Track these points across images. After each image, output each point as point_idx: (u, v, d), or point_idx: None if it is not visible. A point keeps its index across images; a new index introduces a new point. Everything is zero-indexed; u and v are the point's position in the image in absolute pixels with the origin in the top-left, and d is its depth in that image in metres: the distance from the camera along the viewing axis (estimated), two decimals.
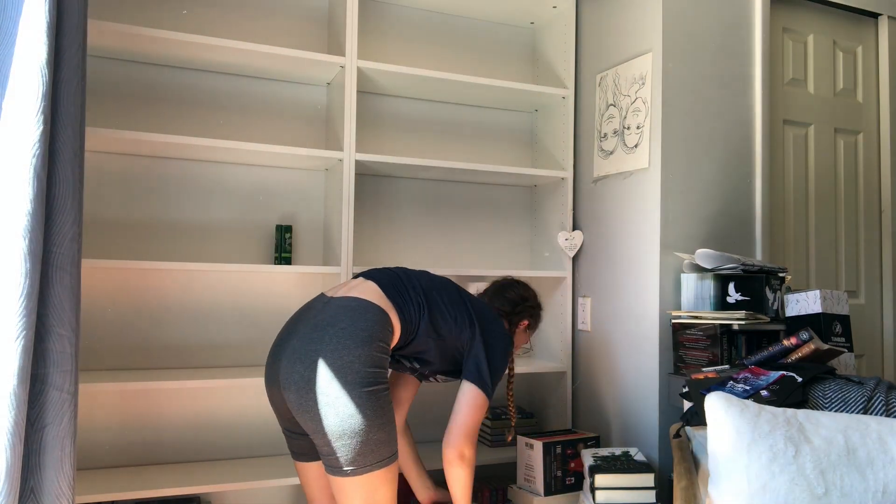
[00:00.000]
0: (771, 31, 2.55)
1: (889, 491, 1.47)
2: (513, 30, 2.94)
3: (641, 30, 2.42)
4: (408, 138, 2.75)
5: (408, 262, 2.71)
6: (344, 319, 1.64)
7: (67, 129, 1.56)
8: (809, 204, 2.68)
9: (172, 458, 2.34)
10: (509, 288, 2.16)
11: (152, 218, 2.36)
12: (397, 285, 1.81)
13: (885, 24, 2.82)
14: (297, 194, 2.55)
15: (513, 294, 2.14)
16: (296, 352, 1.62)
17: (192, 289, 2.39)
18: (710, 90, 2.39)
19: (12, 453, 1.39)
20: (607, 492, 1.99)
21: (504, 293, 2.14)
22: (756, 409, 1.57)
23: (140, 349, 2.32)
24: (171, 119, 2.39)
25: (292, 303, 2.52)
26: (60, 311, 1.52)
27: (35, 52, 1.46)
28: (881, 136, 2.83)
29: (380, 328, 1.66)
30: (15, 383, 1.39)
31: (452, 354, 1.86)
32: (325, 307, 1.70)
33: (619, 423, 2.44)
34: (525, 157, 2.95)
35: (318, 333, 1.62)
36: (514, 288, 2.16)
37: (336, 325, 1.63)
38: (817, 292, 2.17)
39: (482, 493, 2.53)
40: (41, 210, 1.47)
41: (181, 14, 2.41)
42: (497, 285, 2.18)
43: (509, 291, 2.15)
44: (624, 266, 2.45)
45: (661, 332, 2.27)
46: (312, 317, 1.69)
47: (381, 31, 2.71)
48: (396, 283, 1.81)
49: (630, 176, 2.44)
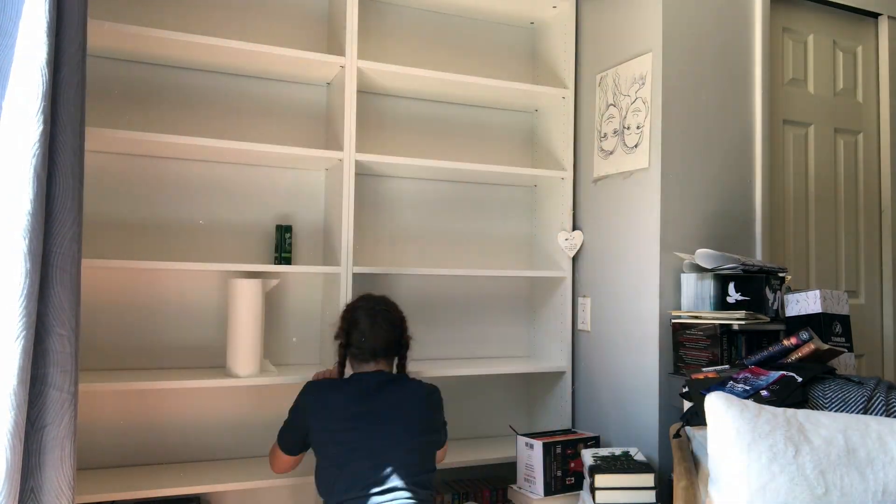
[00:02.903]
0: (771, 31, 2.55)
1: (889, 491, 1.47)
2: (513, 30, 2.94)
3: (641, 30, 2.42)
4: (408, 138, 2.75)
5: (408, 262, 2.71)
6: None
7: (67, 129, 1.56)
8: (809, 204, 2.68)
9: (172, 458, 2.34)
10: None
11: (152, 218, 2.36)
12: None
13: (885, 24, 2.82)
14: (297, 194, 2.55)
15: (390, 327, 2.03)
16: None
17: (192, 289, 2.39)
18: (710, 90, 2.39)
19: (12, 453, 1.39)
20: (607, 492, 1.99)
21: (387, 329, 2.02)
22: (756, 409, 1.57)
23: (140, 349, 2.32)
24: (171, 119, 2.39)
25: (292, 303, 2.52)
26: (60, 311, 1.52)
27: (35, 52, 1.46)
28: (881, 136, 2.83)
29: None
30: (15, 383, 1.39)
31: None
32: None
33: (619, 423, 2.44)
34: (525, 157, 2.95)
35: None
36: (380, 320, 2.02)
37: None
38: (817, 292, 2.17)
39: (482, 493, 2.53)
40: (41, 210, 1.47)
41: (181, 14, 2.41)
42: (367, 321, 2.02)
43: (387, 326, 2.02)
44: (624, 266, 2.45)
45: (661, 332, 2.27)
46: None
47: (381, 31, 2.71)
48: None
49: (630, 176, 2.44)
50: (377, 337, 1.98)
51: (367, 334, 1.98)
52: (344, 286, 2.33)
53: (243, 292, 2.22)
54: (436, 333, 2.75)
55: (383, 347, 2.00)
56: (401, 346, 2.05)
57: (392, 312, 2.05)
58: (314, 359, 2.55)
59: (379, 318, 2.00)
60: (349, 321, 2.03)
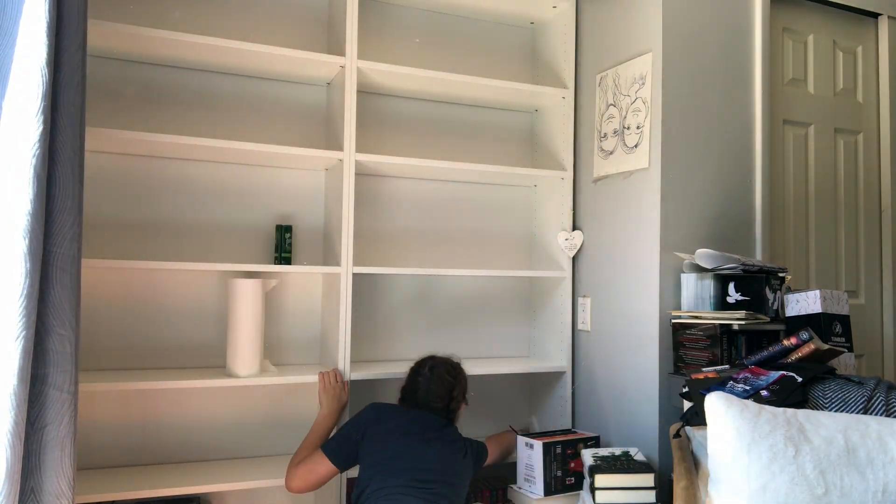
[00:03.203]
0: (771, 31, 2.55)
1: (889, 491, 1.47)
2: (513, 30, 2.94)
3: (641, 30, 2.42)
4: (408, 138, 2.75)
5: (407, 262, 2.71)
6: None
7: (67, 129, 1.56)
8: (809, 204, 2.67)
9: (172, 458, 2.34)
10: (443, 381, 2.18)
11: (152, 218, 2.36)
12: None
13: (885, 24, 2.82)
14: (297, 194, 2.55)
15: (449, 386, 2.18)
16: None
17: (192, 289, 2.39)
18: (710, 90, 2.39)
19: (12, 453, 1.39)
20: (607, 492, 1.99)
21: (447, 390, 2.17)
22: (756, 409, 1.57)
23: (140, 349, 2.32)
24: (171, 119, 2.39)
25: (292, 303, 2.52)
26: (60, 311, 1.52)
27: (35, 52, 1.46)
28: (881, 136, 2.83)
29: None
30: (15, 383, 1.40)
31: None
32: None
33: (619, 423, 2.44)
34: (525, 157, 2.95)
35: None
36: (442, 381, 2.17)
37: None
38: (817, 292, 2.17)
39: (482, 493, 2.53)
40: (41, 210, 1.47)
41: (181, 14, 2.41)
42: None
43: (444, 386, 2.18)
44: (624, 266, 2.45)
45: (661, 332, 2.27)
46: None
47: (381, 31, 2.71)
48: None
49: (630, 176, 2.44)
50: (428, 401, 2.13)
51: (421, 397, 2.14)
52: (344, 286, 2.33)
53: (243, 292, 2.22)
54: (436, 333, 2.75)
55: (433, 411, 2.13)
56: (449, 410, 2.17)
57: (446, 381, 2.17)
58: (314, 359, 2.55)
59: (434, 385, 2.15)
60: (410, 383, 2.19)
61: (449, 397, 2.15)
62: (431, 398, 2.12)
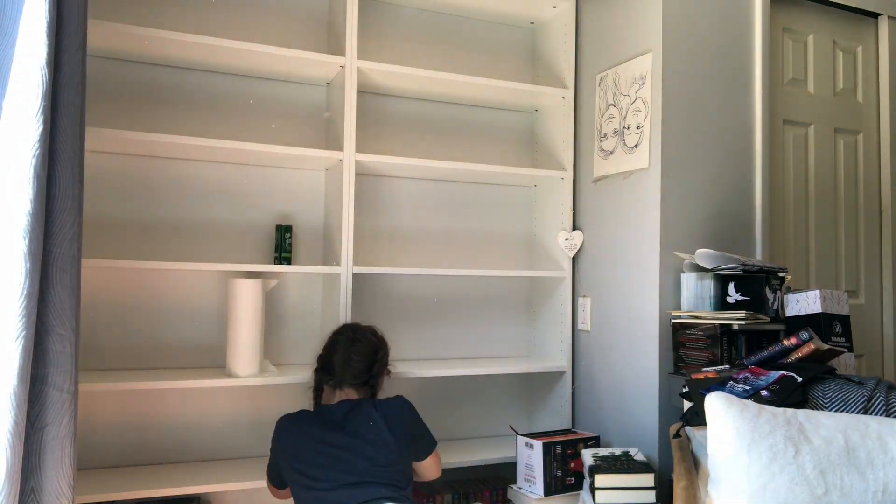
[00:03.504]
0: (771, 31, 2.55)
1: (889, 491, 1.47)
2: (513, 30, 2.94)
3: (641, 30, 2.42)
4: (408, 138, 2.75)
5: (407, 262, 2.71)
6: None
7: (67, 129, 1.56)
8: (809, 204, 2.67)
9: (172, 458, 2.34)
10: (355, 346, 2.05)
11: (152, 218, 2.36)
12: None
13: (885, 24, 2.82)
14: (297, 194, 2.55)
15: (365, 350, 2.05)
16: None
17: (192, 289, 2.39)
18: (710, 90, 2.39)
19: (12, 453, 1.39)
20: (607, 492, 1.99)
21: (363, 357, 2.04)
22: (756, 409, 1.57)
23: (140, 349, 2.32)
24: (171, 119, 2.39)
25: (292, 303, 2.52)
26: (60, 311, 1.52)
27: (35, 52, 1.46)
28: (881, 136, 2.83)
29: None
30: (15, 383, 1.39)
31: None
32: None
33: (619, 423, 2.44)
34: (525, 157, 2.95)
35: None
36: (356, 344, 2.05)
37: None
38: (817, 292, 2.17)
39: (482, 493, 2.53)
40: (41, 210, 1.47)
41: (181, 14, 2.41)
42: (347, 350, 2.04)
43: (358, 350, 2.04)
44: (624, 266, 2.45)
45: (661, 332, 2.27)
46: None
47: (381, 31, 2.71)
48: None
49: (630, 176, 2.44)
50: (349, 361, 2.01)
51: (340, 359, 2.01)
52: (344, 286, 2.33)
53: (243, 292, 2.22)
54: (436, 333, 2.75)
55: (353, 376, 2.01)
56: (371, 374, 2.03)
57: (369, 341, 2.06)
58: (314, 359, 2.55)
59: (356, 346, 2.03)
60: (329, 345, 2.08)
61: (373, 357, 2.03)
62: (355, 356, 2.00)
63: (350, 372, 2.01)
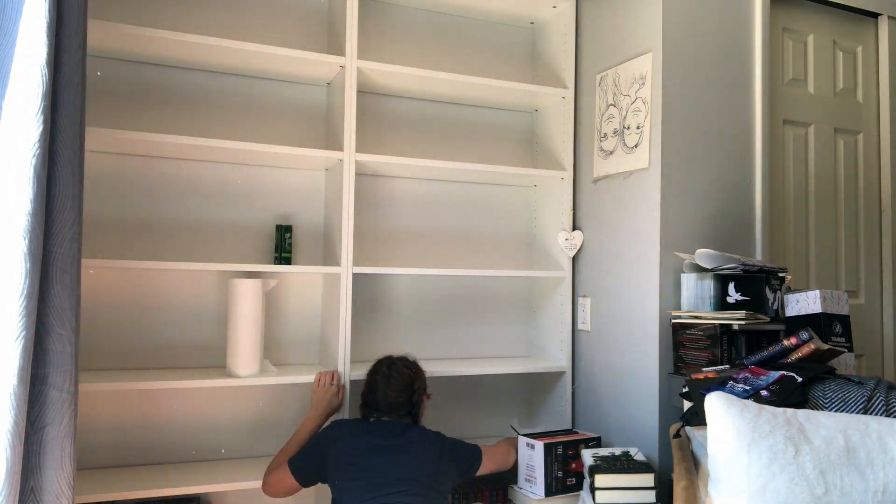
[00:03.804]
0: (771, 31, 2.55)
1: (889, 491, 1.47)
2: (513, 30, 2.94)
3: (641, 30, 2.42)
4: (408, 138, 2.75)
5: (407, 262, 2.71)
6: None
7: (67, 129, 1.56)
8: (809, 204, 2.67)
9: (172, 458, 2.34)
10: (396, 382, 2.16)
11: (152, 218, 2.36)
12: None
13: (885, 24, 2.82)
14: (297, 194, 2.55)
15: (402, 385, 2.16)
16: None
17: (192, 289, 2.39)
18: (710, 90, 2.39)
19: (12, 453, 1.39)
20: (607, 492, 1.99)
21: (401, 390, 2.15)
22: (756, 409, 1.57)
23: (140, 349, 2.32)
24: (171, 119, 2.39)
25: (292, 303, 2.51)
26: (60, 311, 1.52)
27: (35, 52, 1.46)
28: (881, 136, 2.83)
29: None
30: (15, 383, 1.39)
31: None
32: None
33: (619, 423, 2.44)
34: (525, 157, 2.95)
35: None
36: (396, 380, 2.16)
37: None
38: (817, 292, 2.17)
39: (482, 493, 2.53)
40: (41, 210, 1.47)
41: (181, 14, 2.41)
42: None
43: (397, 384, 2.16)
44: (624, 266, 2.45)
45: (661, 332, 2.27)
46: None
47: (381, 31, 2.71)
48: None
49: (630, 176, 2.44)
50: (388, 397, 2.11)
51: (381, 396, 2.11)
52: (344, 286, 2.33)
53: (243, 292, 2.22)
54: (436, 333, 2.75)
55: (396, 412, 2.12)
56: (412, 404, 2.15)
57: (403, 375, 2.15)
58: (314, 359, 2.55)
59: (392, 382, 2.13)
60: (368, 384, 2.17)
61: (410, 389, 2.14)
62: (392, 392, 2.11)
63: (393, 409, 2.12)
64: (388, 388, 2.11)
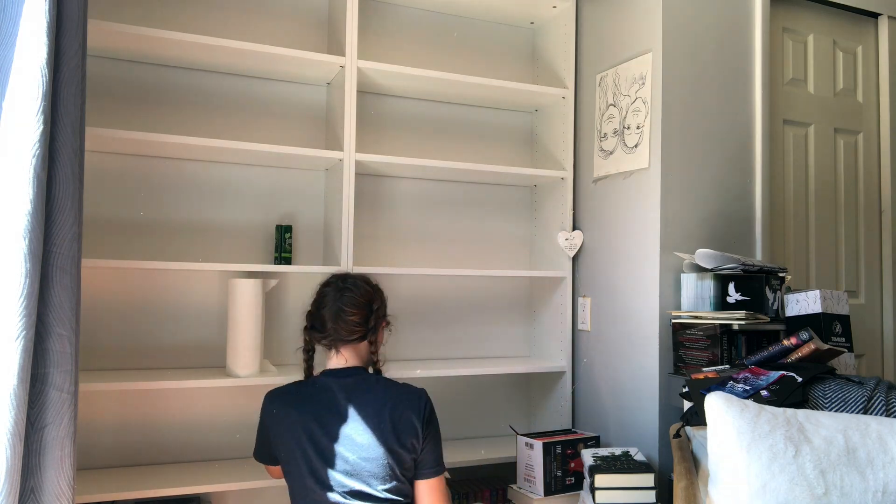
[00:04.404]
0: (771, 31, 2.55)
1: (889, 491, 1.47)
2: (513, 30, 2.94)
3: (641, 30, 2.42)
4: (408, 138, 2.75)
5: (408, 262, 2.71)
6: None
7: (67, 129, 1.56)
8: (809, 204, 2.68)
9: (172, 458, 2.34)
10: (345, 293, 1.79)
11: (152, 218, 2.36)
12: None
13: (885, 24, 2.82)
14: (297, 194, 2.55)
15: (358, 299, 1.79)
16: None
17: (192, 289, 2.39)
18: (710, 90, 2.39)
19: (12, 453, 1.39)
20: (607, 492, 1.99)
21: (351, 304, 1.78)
22: (756, 409, 1.57)
23: (140, 349, 2.32)
24: (171, 119, 2.39)
25: (292, 303, 2.51)
26: (60, 311, 1.52)
27: (35, 52, 1.46)
28: (881, 136, 2.83)
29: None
30: (15, 383, 1.39)
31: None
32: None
33: (619, 423, 2.44)
34: (525, 157, 2.95)
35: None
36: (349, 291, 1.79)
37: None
38: (817, 292, 2.17)
39: (482, 493, 2.53)
40: (41, 210, 1.47)
41: (181, 14, 2.41)
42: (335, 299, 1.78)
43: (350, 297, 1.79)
44: (624, 266, 2.45)
45: (661, 332, 2.27)
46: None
47: (381, 31, 2.71)
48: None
49: (630, 176, 2.44)
50: (341, 315, 1.76)
51: (330, 317, 1.76)
52: None
53: (243, 292, 2.22)
54: (436, 333, 2.75)
55: (348, 331, 1.78)
56: (368, 328, 1.79)
57: (362, 290, 1.81)
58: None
59: (347, 295, 1.77)
60: (317, 299, 1.84)
61: (368, 309, 1.78)
62: (347, 308, 1.75)
63: (344, 327, 1.76)
64: (340, 303, 1.75)
